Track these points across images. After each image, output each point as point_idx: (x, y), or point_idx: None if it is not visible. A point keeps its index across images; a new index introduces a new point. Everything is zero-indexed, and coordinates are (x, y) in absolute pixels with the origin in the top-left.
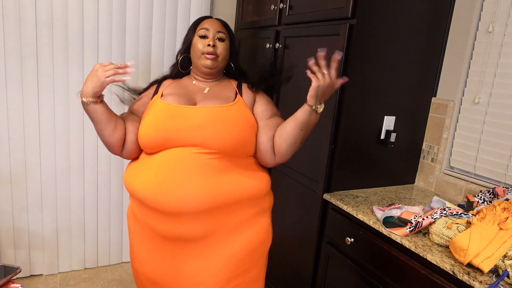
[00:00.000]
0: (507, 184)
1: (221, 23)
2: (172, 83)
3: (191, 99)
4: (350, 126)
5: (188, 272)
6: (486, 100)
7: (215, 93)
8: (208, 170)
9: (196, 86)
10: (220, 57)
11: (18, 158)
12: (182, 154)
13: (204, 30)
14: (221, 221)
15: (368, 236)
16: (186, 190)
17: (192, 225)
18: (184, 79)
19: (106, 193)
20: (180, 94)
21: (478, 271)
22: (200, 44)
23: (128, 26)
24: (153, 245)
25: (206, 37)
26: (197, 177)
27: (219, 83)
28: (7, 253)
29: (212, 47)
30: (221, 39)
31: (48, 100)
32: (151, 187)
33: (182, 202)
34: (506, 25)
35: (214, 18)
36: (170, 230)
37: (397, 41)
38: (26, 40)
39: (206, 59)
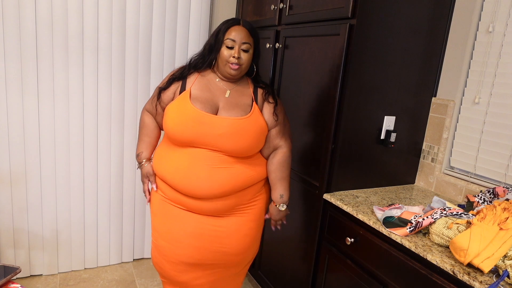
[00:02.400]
0: (507, 184)
1: (248, 32)
2: (197, 77)
3: (215, 103)
4: (350, 126)
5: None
6: (486, 100)
7: (236, 99)
8: (226, 164)
9: (219, 86)
10: (244, 66)
11: (18, 158)
12: (207, 153)
13: (231, 41)
14: (239, 199)
15: (368, 236)
16: (211, 180)
17: (220, 204)
18: (209, 75)
19: (106, 193)
20: (207, 98)
21: (478, 271)
22: (227, 53)
23: (128, 26)
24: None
25: (233, 48)
26: (219, 170)
27: (238, 83)
28: (7, 253)
29: (237, 59)
30: (246, 50)
31: (48, 100)
32: (184, 177)
33: (210, 190)
34: (506, 25)
35: (241, 25)
36: (203, 208)
37: (397, 41)
38: (26, 40)
39: (230, 68)
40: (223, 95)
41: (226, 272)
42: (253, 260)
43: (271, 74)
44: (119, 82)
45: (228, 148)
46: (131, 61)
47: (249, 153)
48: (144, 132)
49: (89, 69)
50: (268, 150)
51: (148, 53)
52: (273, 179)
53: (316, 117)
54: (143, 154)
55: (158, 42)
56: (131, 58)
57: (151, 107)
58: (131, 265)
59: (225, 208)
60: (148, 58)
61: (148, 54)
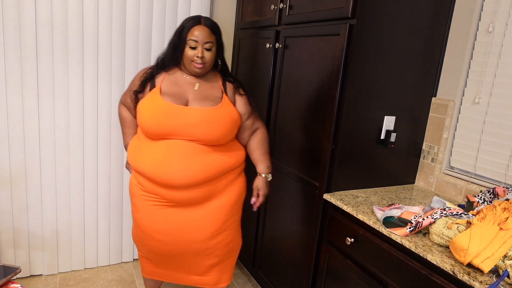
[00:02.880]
0: (507, 184)
1: (209, 30)
2: (165, 76)
3: (185, 96)
4: (350, 126)
5: (195, 219)
6: (486, 100)
7: (205, 91)
8: (201, 154)
9: (187, 80)
10: (208, 64)
11: (18, 158)
12: (181, 143)
13: (193, 42)
14: (213, 186)
15: (368, 236)
16: (188, 170)
17: (195, 193)
18: (176, 72)
19: (106, 193)
20: (176, 92)
21: (478, 271)
22: (191, 53)
23: (128, 26)
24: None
25: (195, 48)
26: (194, 159)
27: (206, 77)
28: (7, 253)
29: (201, 58)
30: (209, 48)
31: (48, 100)
32: (159, 169)
33: (187, 179)
34: (506, 25)
35: (202, 24)
36: (178, 198)
37: (397, 41)
38: (26, 40)
39: (195, 67)
40: (192, 88)
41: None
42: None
43: (271, 74)
44: (119, 82)
45: (202, 137)
46: (131, 61)
47: (222, 141)
48: (125, 125)
49: (89, 69)
50: (249, 135)
51: (148, 53)
52: (257, 155)
53: (316, 117)
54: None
55: (158, 42)
56: (131, 58)
57: (127, 103)
58: (131, 265)
59: (200, 196)
60: (148, 58)
61: (148, 54)
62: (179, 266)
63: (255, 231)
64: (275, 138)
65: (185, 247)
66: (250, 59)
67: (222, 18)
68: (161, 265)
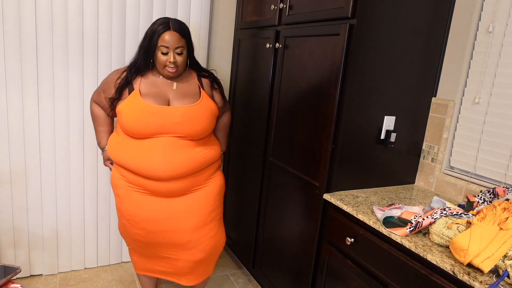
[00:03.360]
0: (507, 184)
1: (179, 35)
2: (141, 79)
3: (165, 96)
4: (350, 126)
5: (179, 210)
6: (486, 100)
7: (183, 89)
8: (183, 148)
9: (164, 81)
10: (180, 67)
11: (18, 158)
12: (165, 140)
13: (165, 48)
14: (196, 179)
15: (368, 236)
16: (171, 164)
17: (178, 185)
18: (150, 76)
19: (106, 193)
20: (156, 93)
21: (478, 271)
22: (163, 58)
23: (128, 26)
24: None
25: (167, 54)
26: (176, 153)
27: (181, 76)
28: (7, 253)
29: (173, 63)
30: (180, 53)
31: (48, 100)
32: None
33: (170, 172)
34: (506, 25)
35: (172, 29)
36: (161, 189)
37: (397, 41)
38: (26, 40)
39: (168, 71)
40: (171, 88)
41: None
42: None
43: (271, 74)
44: None
45: (186, 133)
46: None
47: (205, 134)
48: (98, 123)
49: (89, 69)
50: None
51: None
52: (221, 136)
53: (316, 117)
54: (102, 143)
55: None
56: (131, 58)
57: (99, 100)
58: (131, 265)
59: (182, 188)
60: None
61: None
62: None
63: (255, 231)
64: (275, 138)
65: (169, 236)
66: (250, 59)
67: (222, 18)
68: (147, 256)
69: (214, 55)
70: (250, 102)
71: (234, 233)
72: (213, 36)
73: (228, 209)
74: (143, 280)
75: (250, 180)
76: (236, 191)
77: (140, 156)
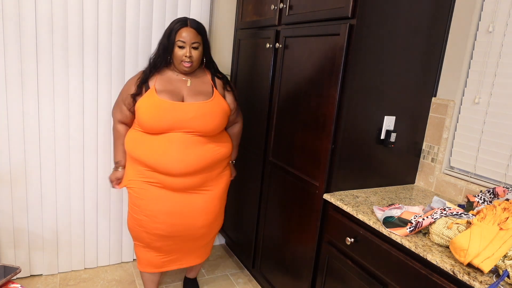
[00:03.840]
0: (507, 184)
1: (195, 31)
2: (158, 76)
3: (179, 92)
4: (350, 126)
5: (196, 207)
6: (486, 100)
7: (197, 87)
8: (197, 145)
9: (179, 78)
10: (195, 62)
11: (18, 158)
12: (179, 135)
13: (181, 43)
14: (208, 174)
15: (368, 236)
16: (184, 160)
17: (191, 180)
18: (167, 72)
19: (106, 193)
20: (171, 90)
21: (478, 271)
22: (180, 53)
23: (128, 26)
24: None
25: (184, 48)
26: (190, 151)
27: (196, 73)
28: (7, 253)
29: (189, 57)
30: (196, 47)
31: (48, 100)
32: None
33: (184, 168)
34: (506, 25)
35: (189, 26)
36: (176, 185)
37: (397, 41)
38: (26, 40)
39: (184, 66)
40: (185, 85)
41: (194, 243)
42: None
43: (271, 74)
44: (119, 82)
45: (200, 129)
46: (131, 61)
47: (217, 131)
48: (120, 142)
49: (89, 69)
50: (228, 124)
51: (148, 53)
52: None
53: (316, 117)
54: (121, 162)
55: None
56: (131, 58)
57: (123, 116)
58: (131, 265)
59: (196, 183)
60: (148, 58)
61: (148, 54)
62: (178, 250)
63: (255, 231)
64: (275, 138)
65: (189, 228)
66: (250, 59)
67: (222, 18)
68: (160, 250)
69: (214, 55)
70: (250, 102)
71: (234, 233)
72: (213, 36)
73: (228, 209)
74: (146, 277)
75: (250, 180)
76: (236, 191)
77: (155, 151)
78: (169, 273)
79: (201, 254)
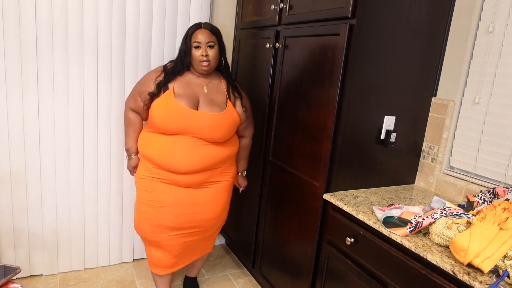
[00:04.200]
0: (507, 184)
1: (210, 32)
2: (177, 78)
3: (196, 98)
4: (350, 126)
5: (202, 200)
6: (486, 100)
7: (212, 95)
8: (202, 147)
9: (197, 82)
10: (212, 62)
11: (18, 158)
12: (186, 139)
13: (197, 43)
14: (211, 173)
15: (368, 236)
16: (190, 160)
17: (196, 177)
18: (187, 75)
19: (106, 193)
20: (188, 94)
21: (478, 271)
22: (197, 53)
23: (128, 26)
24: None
25: (200, 48)
26: (195, 152)
27: (212, 79)
28: (7, 253)
29: (206, 56)
30: (211, 46)
31: (48, 100)
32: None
33: (189, 167)
34: (506, 25)
35: (203, 27)
36: (182, 181)
37: (397, 41)
38: (26, 40)
39: (202, 66)
40: (202, 91)
41: (197, 235)
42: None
43: (271, 74)
44: (119, 82)
45: (208, 137)
46: (131, 61)
47: (223, 140)
48: (131, 129)
49: (89, 69)
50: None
51: (148, 53)
52: (239, 158)
53: (316, 117)
54: (132, 149)
55: (158, 42)
56: (131, 58)
57: (136, 106)
58: (131, 265)
59: (200, 181)
60: (148, 58)
61: (148, 54)
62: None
63: (255, 231)
64: (275, 138)
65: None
66: (250, 59)
67: (222, 18)
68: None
69: None
70: (250, 102)
71: (234, 233)
72: None
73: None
74: (157, 279)
75: (250, 180)
76: (236, 191)
77: (164, 151)
78: None
79: (207, 245)
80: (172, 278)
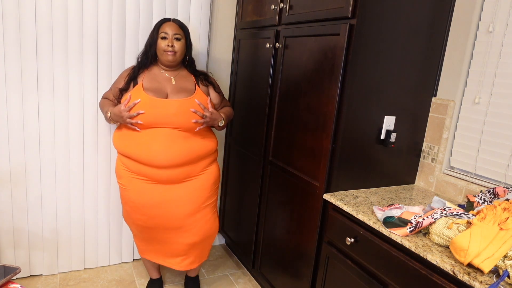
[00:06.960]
0: (507, 184)
1: (178, 26)
2: (146, 73)
3: (164, 90)
4: (350, 126)
5: (176, 196)
6: (486, 100)
7: (181, 85)
8: (180, 139)
9: (165, 76)
10: (178, 53)
11: (18, 158)
12: (164, 130)
13: (164, 34)
14: (192, 167)
15: (368, 236)
16: (169, 153)
17: (175, 172)
18: (154, 69)
19: (106, 193)
20: (156, 87)
21: (478, 271)
22: (162, 44)
23: (128, 26)
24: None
25: (166, 38)
26: (174, 144)
27: (180, 72)
28: (7, 253)
29: (171, 46)
30: (178, 38)
31: (48, 100)
32: (144, 151)
33: (168, 160)
34: (506, 25)
35: (172, 21)
36: (161, 177)
37: (397, 41)
38: (26, 40)
39: (167, 55)
40: (170, 83)
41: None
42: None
43: (271, 74)
44: None
45: (181, 125)
46: (131, 61)
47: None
48: (106, 107)
49: (89, 69)
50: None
51: None
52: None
53: (316, 117)
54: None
55: None
56: (131, 58)
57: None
58: (131, 265)
59: (180, 175)
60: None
61: None
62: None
63: (255, 231)
64: (275, 137)
65: (167, 220)
66: (250, 59)
67: (222, 18)
68: (148, 240)
69: (214, 55)
70: (250, 102)
71: (234, 233)
72: (213, 36)
73: (228, 209)
74: (147, 262)
75: (250, 180)
76: (236, 191)
77: (141, 145)
78: (170, 273)
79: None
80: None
